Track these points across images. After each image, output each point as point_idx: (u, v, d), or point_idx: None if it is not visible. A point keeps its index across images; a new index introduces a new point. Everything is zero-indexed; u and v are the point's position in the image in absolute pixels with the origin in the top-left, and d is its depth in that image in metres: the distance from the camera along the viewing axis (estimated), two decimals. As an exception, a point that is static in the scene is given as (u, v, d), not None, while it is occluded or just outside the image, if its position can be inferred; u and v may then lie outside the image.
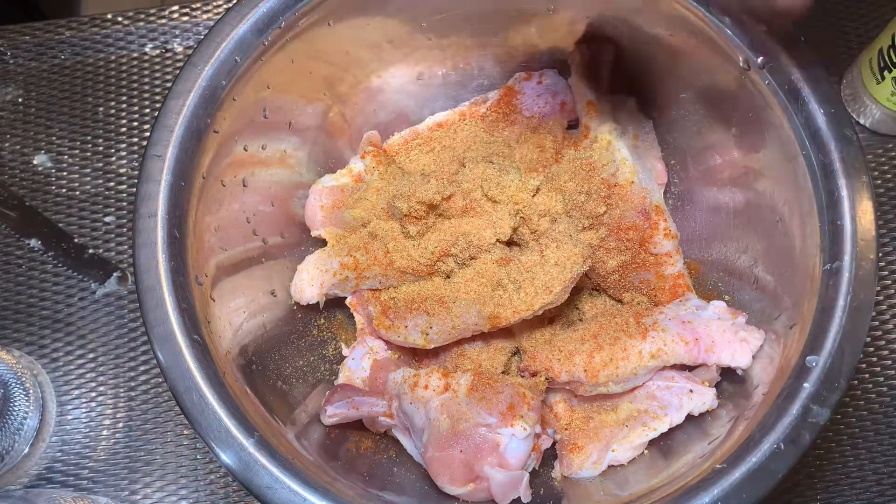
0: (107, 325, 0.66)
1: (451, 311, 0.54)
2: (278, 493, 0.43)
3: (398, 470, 0.55)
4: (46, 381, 0.64)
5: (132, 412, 0.64)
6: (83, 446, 0.63)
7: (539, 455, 0.55)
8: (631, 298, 0.59)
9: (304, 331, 0.61)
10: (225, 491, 0.62)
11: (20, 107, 0.71)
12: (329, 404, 0.54)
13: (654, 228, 0.58)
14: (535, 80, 0.63)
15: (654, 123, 0.63)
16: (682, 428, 0.54)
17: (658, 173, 0.62)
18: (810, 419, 0.44)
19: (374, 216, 0.58)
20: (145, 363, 0.65)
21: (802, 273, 0.50)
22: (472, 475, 0.50)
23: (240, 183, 0.55)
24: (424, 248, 0.56)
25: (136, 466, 0.63)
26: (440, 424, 0.50)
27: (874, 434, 0.64)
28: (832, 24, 0.74)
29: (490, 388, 0.51)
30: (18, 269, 0.67)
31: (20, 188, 0.69)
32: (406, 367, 0.56)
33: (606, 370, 0.52)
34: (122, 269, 0.67)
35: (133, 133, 0.70)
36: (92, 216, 0.68)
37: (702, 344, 0.53)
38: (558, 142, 0.62)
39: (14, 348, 0.64)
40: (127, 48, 0.73)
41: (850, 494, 0.63)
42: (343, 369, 0.59)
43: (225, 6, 0.74)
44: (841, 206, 0.48)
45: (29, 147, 0.70)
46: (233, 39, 0.51)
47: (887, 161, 0.70)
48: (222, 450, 0.44)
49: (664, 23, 0.55)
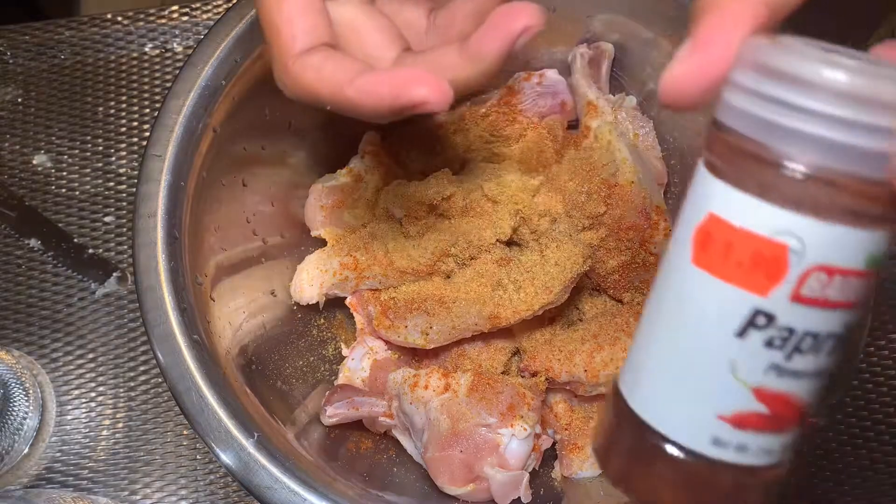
0: (106, 326, 0.66)
1: (451, 311, 0.54)
2: (278, 493, 0.43)
3: (398, 470, 0.55)
4: (46, 382, 0.64)
5: (132, 412, 0.64)
6: (83, 446, 0.63)
7: (539, 455, 0.55)
8: (631, 298, 0.59)
9: (304, 331, 0.61)
10: (225, 491, 0.62)
11: (20, 107, 0.71)
12: (329, 404, 0.54)
13: (654, 228, 0.58)
14: (535, 80, 0.63)
15: (654, 123, 0.63)
16: (682, 428, 0.54)
17: (658, 173, 0.62)
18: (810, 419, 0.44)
19: (374, 216, 0.58)
20: (145, 363, 0.65)
21: (802, 273, 0.50)
22: (472, 475, 0.50)
23: (239, 183, 0.55)
24: (424, 248, 0.56)
25: (136, 466, 0.63)
26: (440, 424, 0.50)
27: (874, 434, 0.64)
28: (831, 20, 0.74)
29: (490, 388, 0.51)
30: (18, 269, 0.67)
31: (20, 188, 0.68)
32: (406, 367, 0.56)
33: (607, 370, 0.52)
34: (121, 270, 0.67)
35: (133, 133, 0.70)
36: (92, 216, 0.68)
37: (702, 344, 0.53)
38: (558, 142, 0.62)
39: (14, 348, 0.64)
40: (127, 48, 0.73)
41: (851, 494, 0.63)
42: (343, 369, 0.59)
43: (225, 6, 0.74)
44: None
45: (28, 147, 0.70)
46: (233, 39, 0.51)
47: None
48: (222, 450, 0.44)
49: (664, 23, 0.55)
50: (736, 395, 0.26)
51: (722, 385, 0.27)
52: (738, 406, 0.27)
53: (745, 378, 0.26)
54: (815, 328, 0.26)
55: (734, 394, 0.26)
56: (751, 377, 0.26)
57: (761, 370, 0.26)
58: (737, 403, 0.27)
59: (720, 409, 0.27)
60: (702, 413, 0.27)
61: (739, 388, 0.26)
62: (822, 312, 0.25)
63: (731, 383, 0.26)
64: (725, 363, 0.26)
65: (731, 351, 0.26)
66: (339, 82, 0.31)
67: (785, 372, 0.26)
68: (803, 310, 0.25)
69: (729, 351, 0.26)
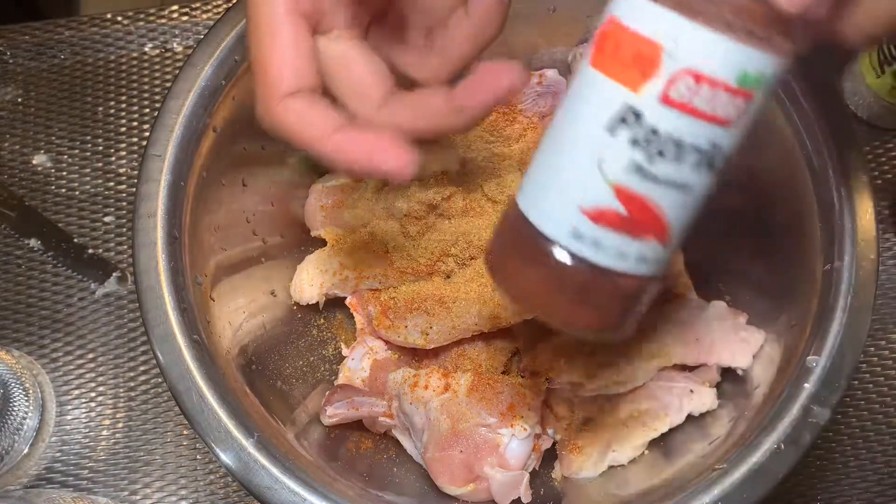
0: (106, 325, 0.66)
1: (451, 311, 0.54)
2: (278, 493, 0.43)
3: (398, 470, 0.55)
4: (46, 381, 0.64)
5: (132, 412, 0.64)
6: (83, 446, 0.63)
7: (539, 455, 0.55)
8: (631, 298, 0.59)
9: (304, 331, 0.61)
10: (225, 491, 0.62)
11: (20, 107, 0.71)
12: (329, 404, 0.54)
13: (654, 228, 0.57)
14: (535, 80, 0.63)
15: (654, 123, 0.63)
16: (682, 428, 0.54)
17: (658, 173, 0.62)
18: (810, 419, 0.44)
19: (374, 216, 0.58)
20: (145, 363, 0.65)
21: (802, 273, 0.50)
22: (472, 475, 0.50)
23: (239, 183, 0.55)
24: (424, 248, 0.56)
25: (136, 466, 0.63)
26: (440, 425, 0.50)
27: (874, 434, 0.64)
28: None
29: (490, 388, 0.51)
30: (18, 269, 0.67)
31: (20, 188, 0.68)
32: (406, 367, 0.56)
33: (606, 370, 0.52)
34: (121, 270, 0.67)
35: (133, 133, 0.70)
36: (92, 216, 0.68)
37: (702, 344, 0.53)
38: (558, 142, 0.62)
39: (14, 348, 0.64)
40: (126, 48, 0.72)
41: (851, 494, 0.63)
42: (343, 369, 0.59)
43: (225, 6, 0.74)
44: (841, 206, 0.48)
45: (28, 147, 0.70)
46: (233, 39, 0.51)
47: (885, 153, 0.70)
48: (222, 450, 0.44)
49: (664, 23, 0.55)
50: (598, 189, 0.28)
51: (588, 177, 0.28)
52: (599, 200, 0.28)
53: (608, 174, 0.28)
54: (678, 135, 0.27)
55: (597, 188, 0.28)
56: (613, 173, 0.28)
57: (623, 168, 0.28)
58: (598, 197, 0.28)
59: (583, 202, 0.28)
60: (567, 203, 0.29)
61: (602, 183, 0.28)
62: (687, 120, 0.27)
63: (596, 177, 0.28)
64: (594, 156, 0.28)
65: (601, 145, 0.28)
66: (319, 134, 0.33)
67: (646, 175, 0.27)
68: (670, 113, 0.27)
69: (598, 145, 0.28)
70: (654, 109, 0.27)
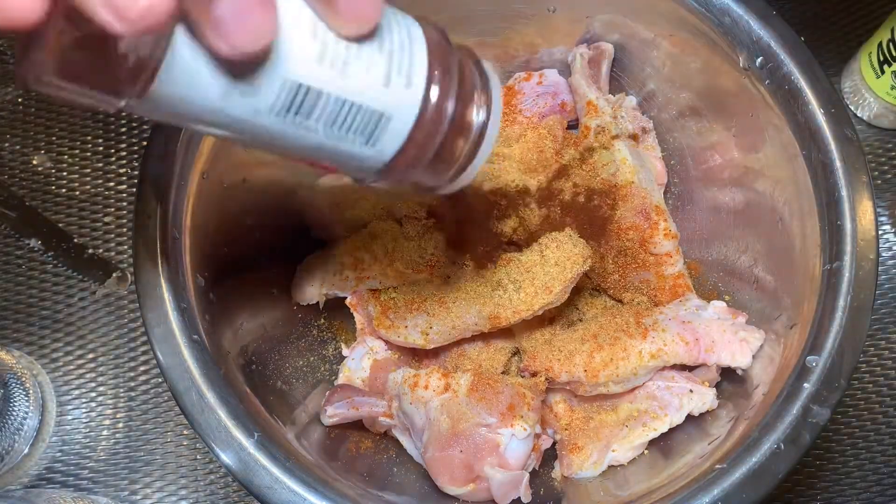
0: (106, 325, 0.66)
1: (451, 311, 0.54)
2: (278, 493, 0.43)
3: (398, 470, 0.55)
4: (46, 382, 0.64)
5: (132, 412, 0.64)
6: (83, 446, 0.63)
7: (539, 455, 0.55)
8: (631, 298, 0.59)
9: (304, 331, 0.61)
10: (225, 491, 0.62)
11: (20, 107, 0.71)
12: (329, 404, 0.54)
13: (654, 228, 0.58)
14: (535, 80, 0.63)
15: (654, 123, 0.63)
16: (682, 428, 0.54)
17: (658, 173, 0.62)
18: (810, 419, 0.44)
19: (374, 216, 0.58)
20: (145, 363, 0.65)
21: (802, 273, 0.50)
22: (472, 475, 0.50)
23: (240, 183, 0.55)
24: (424, 248, 0.56)
25: (136, 466, 0.63)
26: (440, 424, 0.50)
27: (874, 434, 0.64)
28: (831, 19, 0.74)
29: (490, 388, 0.51)
30: (18, 269, 0.67)
31: (20, 188, 0.68)
32: (406, 367, 0.56)
33: (606, 370, 0.52)
34: (121, 269, 0.67)
35: (133, 133, 0.70)
36: (92, 216, 0.68)
37: (702, 344, 0.53)
38: (558, 142, 0.62)
39: (14, 348, 0.64)
40: (127, 48, 0.72)
41: (850, 494, 0.63)
42: (343, 369, 0.59)
43: (225, 6, 0.74)
44: (841, 206, 0.48)
45: (29, 147, 0.70)
46: (233, 39, 0.51)
47: (884, 153, 0.70)
48: (222, 450, 0.44)
49: (664, 23, 0.55)
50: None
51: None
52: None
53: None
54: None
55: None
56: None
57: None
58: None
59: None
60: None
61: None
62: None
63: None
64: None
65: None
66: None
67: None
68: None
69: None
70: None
